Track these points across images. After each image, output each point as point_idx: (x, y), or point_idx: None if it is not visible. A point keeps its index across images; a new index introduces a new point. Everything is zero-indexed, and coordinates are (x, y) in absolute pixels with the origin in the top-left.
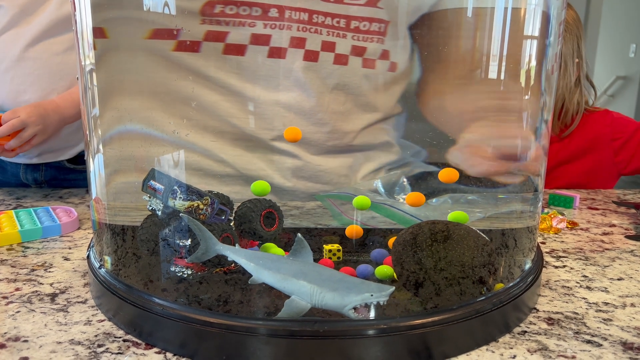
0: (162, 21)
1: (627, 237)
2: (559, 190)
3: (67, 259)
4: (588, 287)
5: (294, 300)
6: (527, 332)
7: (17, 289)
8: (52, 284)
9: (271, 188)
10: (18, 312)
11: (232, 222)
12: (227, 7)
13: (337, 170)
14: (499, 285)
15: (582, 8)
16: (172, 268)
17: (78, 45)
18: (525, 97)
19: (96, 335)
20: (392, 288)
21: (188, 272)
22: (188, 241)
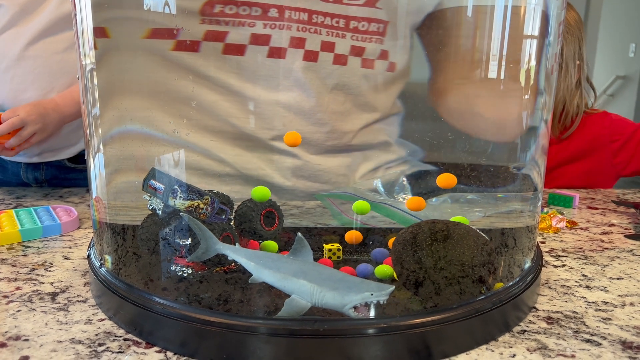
0: (162, 21)
1: (627, 236)
2: (559, 190)
3: (67, 258)
4: (587, 287)
5: (294, 299)
6: (526, 331)
7: (18, 288)
8: (52, 283)
9: (271, 187)
10: (19, 311)
11: (232, 222)
12: (226, 7)
13: (336, 169)
14: (498, 285)
15: (582, 7)
16: (172, 267)
17: (78, 44)
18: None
19: (97, 334)
20: (392, 287)
21: (188, 271)
22: (188, 240)
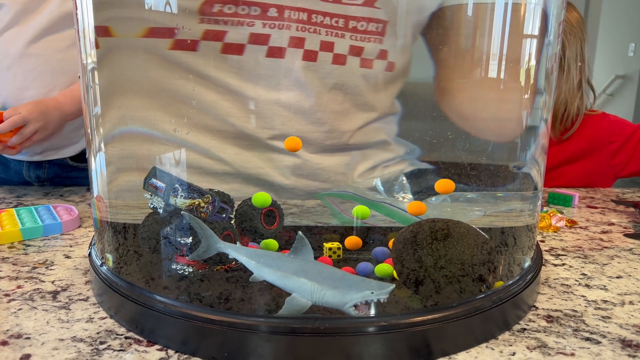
0: (161, 20)
1: (626, 235)
2: (558, 189)
3: (68, 256)
4: (587, 285)
5: (294, 297)
6: (526, 330)
7: (19, 287)
8: (53, 282)
9: (271, 186)
10: (20, 309)
11: (233, 220)
12: (225, 6)
13: (335, 168)
14: (498, 283)
15: (582, 7)
16: (173, 266)
17: (79, 44)
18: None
19: (98, 333)
20: (392, 286)
21: (189, 269)
22: (189, 239)
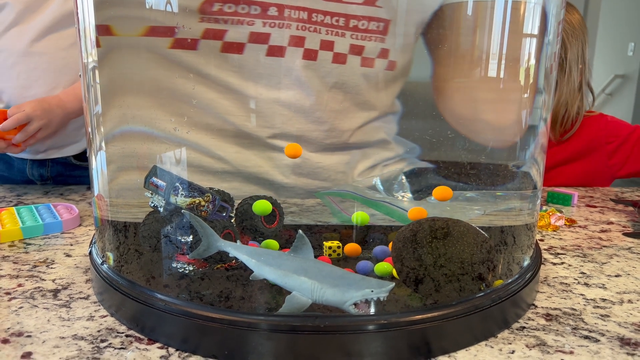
0: (162, 19)
1: (625, 234)
2: (558, 188)
3: (68, 255)
4: (586, 284)
5: (294, 296)
6: (525, 328)
7: (20, 285)
8: (54, 280)
9: (271, 185)
10: (21, 307)
11: (233, 219)
12: (225, 5)
13: (335, 166)
14: (497, 282)
15: (581, 6)
16: (174, 264)
17: (80, 42)
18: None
19: (99, 331)
20: (392, 284)
21: (190, 268)
22: (190, 238)
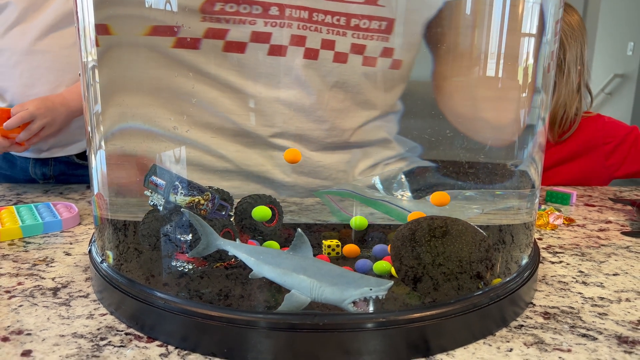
0: (162, 18)
1: (623, 233)
2: (556, 187)
3: (68, 254)
4: (584, 283)
5: (294, 294)
6: (523, 326)
7: (20, 283)
8: (54, 279)
9: (271, 183)
10: (21, 305)
11: (233, 218)
12: (227, 5)
13: (335, 165)
14: (496, 280)
15: (581, 6)
16: (173, 263)
17: (80, 42)
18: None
19: (99, 329)
20: (390, 282)
21: (189, 266)
22: (189, 236)
